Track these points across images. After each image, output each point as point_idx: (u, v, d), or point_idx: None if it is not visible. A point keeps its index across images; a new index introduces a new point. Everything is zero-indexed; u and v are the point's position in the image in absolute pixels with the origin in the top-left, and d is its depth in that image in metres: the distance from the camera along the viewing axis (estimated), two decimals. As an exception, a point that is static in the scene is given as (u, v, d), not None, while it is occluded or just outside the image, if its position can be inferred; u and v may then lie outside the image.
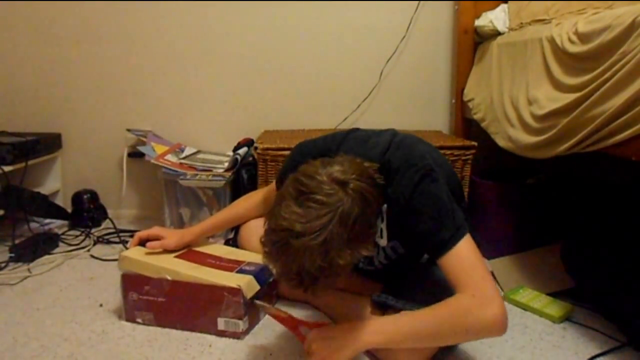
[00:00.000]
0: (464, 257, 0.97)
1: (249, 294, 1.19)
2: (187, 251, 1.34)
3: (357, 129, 1.19)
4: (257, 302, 1.19)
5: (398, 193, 1.02)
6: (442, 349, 1.09)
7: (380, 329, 0.98)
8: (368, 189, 0.95)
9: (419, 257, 1.22)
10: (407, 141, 1.09)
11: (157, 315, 1.24)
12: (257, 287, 1.21)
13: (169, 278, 1.21)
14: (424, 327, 0.95)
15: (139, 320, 1.26)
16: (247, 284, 1.19)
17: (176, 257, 1.30)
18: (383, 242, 1.13)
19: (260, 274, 1.24)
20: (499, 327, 0.93)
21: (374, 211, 0.98)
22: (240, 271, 1.24)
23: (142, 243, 1.32)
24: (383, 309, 1.12)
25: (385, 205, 1.06)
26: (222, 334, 1.21)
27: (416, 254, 1.20)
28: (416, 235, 1.01)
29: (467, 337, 0.99)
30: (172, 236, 1.33)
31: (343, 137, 1.14)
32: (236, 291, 1.17)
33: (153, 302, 1.23)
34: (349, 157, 1.01)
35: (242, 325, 1.19)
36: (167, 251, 1.31)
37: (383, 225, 1.10)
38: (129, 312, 1.27)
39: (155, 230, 1.34)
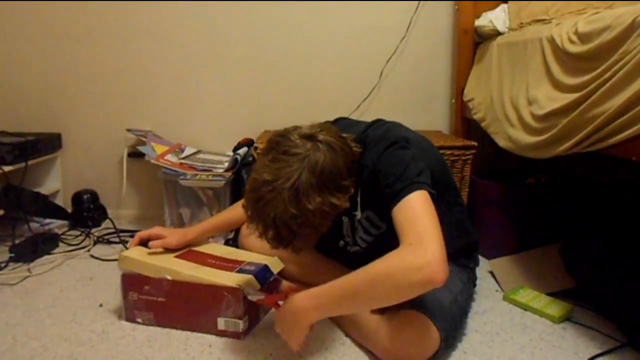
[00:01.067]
0: (411, 208, 0.95)
1: (248, 295, 1.19)
2: (187, 251, 1.34)
3: (345, 118, 1.25)
4: (249, 296, 1.20)
5: (368, 160, 1.07)
6: (442, 348, 1.08)
7: (315, 295, 0.98)
8: (336, 142, 1.00)
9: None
10: (390, 124, 1.14)
11: (157, 315, 1.24)
12: (258, 287, 1.21)
13: (169, 278, 1.21)
14: (357, 284, 0.94)
15: (139, 320, 1.26)
16: (247, 284, 1.19)
17: (176, 257, 1.30)
18: (358, 213, 1.15)
19: (260, 274, 1.23)
20: (430, 272, 0.87)
21: (344, 163, 1.01)
22: (241, 271, 1.24)
23: (143, 243, 1.32)
24: (383, 309, 1.12)
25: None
26: (222, 333, 1.21)
27: (389, 222, 1.18)
28: (379, 193, 1.02)
29: (404, 286, 0.90)
30: (173, 236, 1.33)
31: (331, 123, 1.20)
32: (236, 291, 1.17)
33: (153, 301, 1.23)
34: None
35: (242, 325, 1.19)
36: (167, 251, 1.31)
37: (358, 198, 1.12)
38: (129, 312, 1.26)
39: (156, 230, 1.35)
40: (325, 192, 0.96)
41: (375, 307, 1.05)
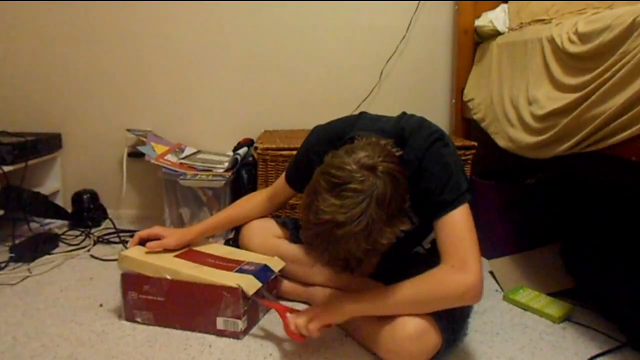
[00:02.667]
0: (456, 225, 1.03)
1: (249, 293, 1.19)
2: (187, 251, 1.34)
3: (366, 112, 1.26)
4: (252, 297, 1.20)
5: (411, 155, 1.08)
6: (444, 348, 1.08)
7: (368, 296, 1.07)
8: (395, 167, 1.00)
9: (428, 231, 1.20)
10: (419, 116, 1.17)
11: (156, 314, 1.24)
12: (258, 286, 1.21)
13: (169, 277, 1.22)
14: (403, 298, 1.03)
15: (139, 319, 1.26)
16: (247, 283, 1.19)
17: (176, 256, 1.30)
18: None
19: (260, 273, 1.24)
20: (471, 296, 1.00)
21: (403, 187, 1.01)
22: (240, 271, 1.24)
23: (143, 243, 1.32)
24: None
25: None
26: (221, 333, 1.21)
27: (427, 222, 1.17)
28: (422, 192, 1.06)
29: (444, 305, 1.03)
30: (172, 235, 1.33)
31: (356, 118, 1.22)
32: (235, 290, 1.17)
33: (152, 301, 1.23)
34: (367, 138, 1.05)
35: (241, 324, 1.19)
36: (167, 251, 1.31)
37: None
38: (128, 312, 1.26)
39: (155, 230, 1.35)
40: (393, 222, 0.98)
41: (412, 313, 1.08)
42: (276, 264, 1.31)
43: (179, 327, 1.24)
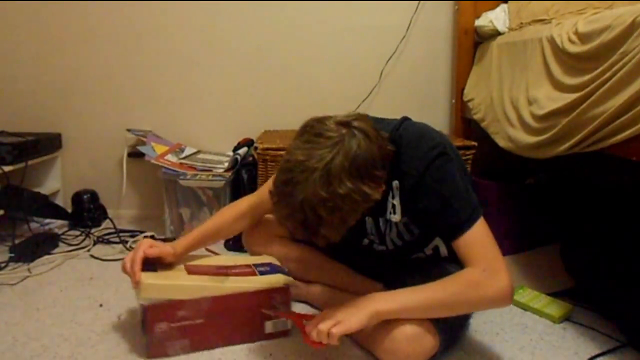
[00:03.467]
0: (478, 238, 1.01)
1: (292, 289, 1.18)
2: (193, 267, 1.19)
3: (367, 114, 1.21)
4: (264, 310, 1.17)
5: (411, 167, 1.03)
6: (441, 349, 1.08)
7: (391, 297, 1.02)
8: (372, 131, 0.98)
9: (429, 240, 1.20)
10: (420, 124, 1.12)
11: (193, 340, 1.12)
12: (292, 280, 1.21)
13: (208, 295, 1.11)
14: (435, 298, 1.00)
15: (171, 352, 1.11)
16: (285, 281, 1.19)
17: (189, 274, 1.16)
18: (396, 217, 1.10)
19: (278, 269, 1.23)
20: (505, 300, 0.99)
21: (379, 153, 0.98)
22: (261, 273, 1.21)
23: (147, 268, 1.13)
24: None
25: (396, 182, 1.06)
26: (269, 337, 1.18)
27: (428, 234, 1.18)
28: (430, 213, 1.03)
29: (476, 308, 1.05)
30: (165, 246, 1.18)
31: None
32: (285, 290, 1.16)
33: (189, 326, 1.11)
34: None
35: (289, 322, 1.19)
36: (177, 270, 1.17)
37: (395, 202, 1.09)
38: (155, 347, 1.10)
39: (147, 246, 1.15)
40: (357, 178, 0.93)
41: (445, 312, 1.05)
42: (275, 261, 1.30)
43: (221, 345, 1.15)
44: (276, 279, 1.19)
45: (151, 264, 1.13)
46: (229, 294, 1.13)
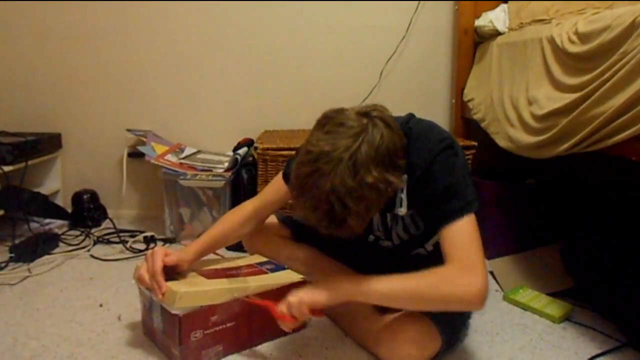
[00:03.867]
0: (464, 233, 0.99)
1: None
2: (208, 272, 1.19)
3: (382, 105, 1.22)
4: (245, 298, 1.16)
5: (419, 159, 1.03)
6: (443, 350, 1.09)
7: (365, 280, 1.00)
8: (392, 121, 0.98)
9: (433, 234, 1.19)
10: (428, 120, 1.14)
11: (227, 344, 1.12)
12: (301, 276, 1.23)
13: (239, 297, 1.11)
14: (407, 288, 0.97)
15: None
16: (297, 276, 1.21)
17: (211, 280, 1.15)
18: (403, 210, 1.09)
19: (279, 266, 1.26)
20: (474, 302, 0.95)
21: (400, 142, 0.98)
22: (270, 270, 1.23)
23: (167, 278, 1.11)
24: (384, 309, 1.13)
25: (405, 175, 1.05)
26: (289, 332, 1.18)
27: (432, 226, 1.15)
28: (428, 198, 1.03)
29: (446, 305, 0.98)
30: (179, 254, 1.16)
31: None
32: (303, 284, 1.16)
33: (222, 331, 1.10)
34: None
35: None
36: (193, 279, 1.15)
37: (403, 195, 1.08)
38: (190, 357, 1.07)
39: (163, 255, 1.12)
40: (382, 167, 0.92)
41: (409, 309, 1.04)
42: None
43: (250, 346, 1.16)
44: (287, 275, 1.22)
45: (166, 273, 1.10)
46: (256, 294, 1.13)
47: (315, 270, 1.34)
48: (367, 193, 0.91)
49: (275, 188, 1.28)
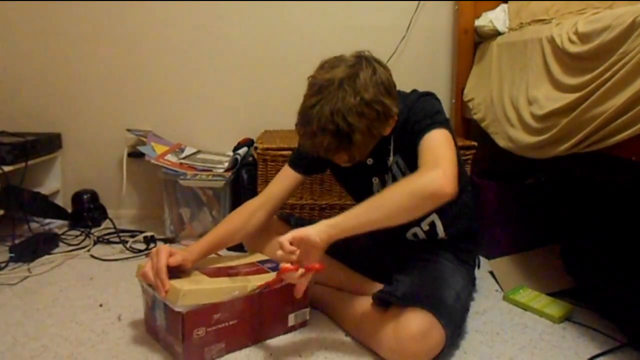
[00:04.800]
0: (432, 140, 1.09)
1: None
2: (209, 270, 1.19)
3: None
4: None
5: (404, 107, 1.17)
6: (448, 346, 1.07)
7: (344, 212, 1.03)
8: (383, 62, 1.13)
9: None
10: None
11: (228, 341, 1.13)
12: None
13: (241, 295, 1.12)
14: (384, 201, 1.01)
15: (208, 357, 1.10)
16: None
17: (213, 278, 1.16)
18: (391, 159, 1.21)
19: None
20: (437, 190, 0.98)
21: (391, 79, 1.12)
22: (270, 269, 1.23)
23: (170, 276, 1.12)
24: (385, 305, 1.12)
25: (395, 135, 1.18)
26: (291, 329, 1.22)
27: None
28: (410, 134, 1.13)
29: (420, 204, 1.00)
30: (183, 253, 1.17)
31: None
32: None
33: (224, 328, 1.11)
34: None
35: (307, 313, 1.24)
36: (196, 277, 1.15)
37: (391, 147, 1.20)
38: (193, 355, 1.08)
39: (167, 254, 1.12)
40: (378, 90, 1.05)
41: (391, 222, 1.02)
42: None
43: (250, 344, 1.17)
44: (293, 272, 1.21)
45: (169, 271, 1.10)
46: (258, 292, 1.14)
47: None
48: (367, 111, 1.04)
49: (279, 181, 1.32)
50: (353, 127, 1.02)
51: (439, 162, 1.02)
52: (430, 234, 1.28)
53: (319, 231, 1.00)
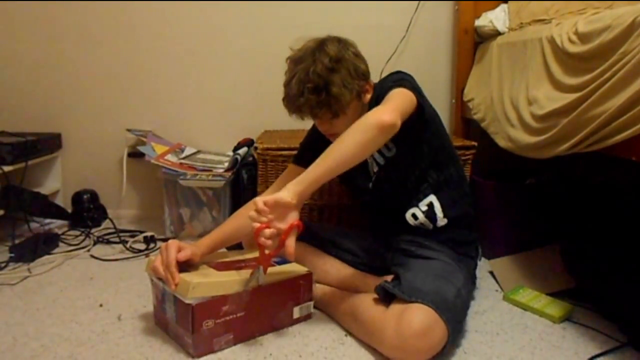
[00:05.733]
0: (394, 94, 1.17)
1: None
2: (217, 264, 1.23)
3: None
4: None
5: (378, 87, 1.28)
6: (450, 342, 1.07)
7: (300, 178, 1.07)
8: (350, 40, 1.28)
9: (413, 165, 1.31)
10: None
11: (236, 333, 1.16)
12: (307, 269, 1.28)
13: (249, 288, 1.15)
14: (342, 143, 1.07)
15: (216, 348, 1.13)
16: (303, 268, 1.27)
17: (221, 272, 1.19)
18: None
19: (284, 260, 1.28)
20: (378, 123, 1.07)
21: (358, 51, 1.27)
22: (277, 263, 1.27)
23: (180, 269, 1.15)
24: (388, 297, 1.12)
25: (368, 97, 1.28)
26: (296, 321, 1.26)
27: (397, 145, 1.29)
28: (379, 102, 1.18)
29: (362, 134, 1.07)
30: (192, 247, 1.19)
31: None
32: (309, 276, 1.25)
33: (232, 320, 1.14)
34: None
35: (311, 306, 1.27)
36: (205, 270, 1.19)
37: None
38: (202, 345, 1.11)
39: (177, 248, 1.15)
40: (346, 49, 1.22)
41: (350, 161, 1.08)
42: None
43: (258, 335, 1.20)
44: (292, 267, 1.26)
45: (178, 265, 1.14)
46: (265, 285, 1.17)
47: (307, 266, 1.35)
48: (337, 66, 1.18)
49: (284, 178, 1.35)
50: (327, 81, 1.16)
51: (387, 105, 1.13)
52: (429, 214, 1.31)
53: (288, 190, 1.04)
